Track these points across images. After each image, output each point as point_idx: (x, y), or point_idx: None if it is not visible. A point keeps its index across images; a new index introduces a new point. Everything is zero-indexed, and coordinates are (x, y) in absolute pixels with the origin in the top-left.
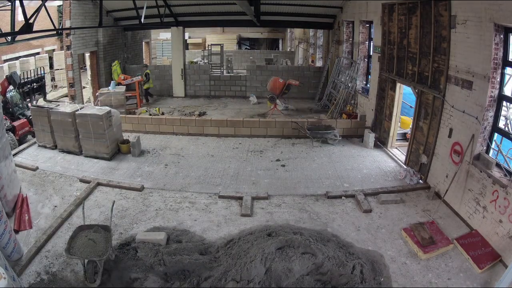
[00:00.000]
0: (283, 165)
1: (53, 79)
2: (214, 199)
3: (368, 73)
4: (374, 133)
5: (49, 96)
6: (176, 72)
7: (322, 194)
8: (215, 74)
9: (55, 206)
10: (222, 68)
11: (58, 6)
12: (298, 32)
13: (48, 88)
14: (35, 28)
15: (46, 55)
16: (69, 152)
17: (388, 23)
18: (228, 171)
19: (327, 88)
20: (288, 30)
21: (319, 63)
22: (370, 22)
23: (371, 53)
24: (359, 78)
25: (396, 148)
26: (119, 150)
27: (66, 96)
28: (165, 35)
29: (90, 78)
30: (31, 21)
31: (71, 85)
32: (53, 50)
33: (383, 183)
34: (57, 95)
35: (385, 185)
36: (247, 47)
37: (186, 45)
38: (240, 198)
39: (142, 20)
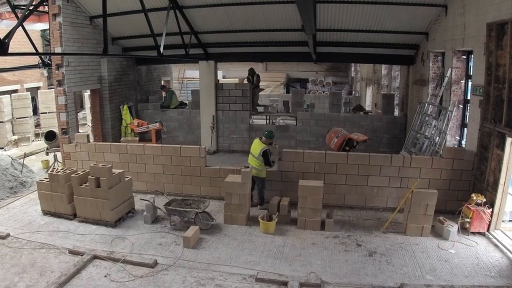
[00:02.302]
0: (343, 243)
1: (37, 125)
2: (249, 282)
3: (463, 124)
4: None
5: (32, 147)
6: (206, 119)
7: (395, 287)
8: (256, 124)
9: (30, 287)
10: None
11: (41, 31)
12: (365, 70)
13: (30, 136)
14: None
15: (28, 94)
16: (58, 216)
17: (495, 52)
18: (270, 246)
19: (404, 144)
20: (352, 67)
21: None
22: (469, 53)
23: (468, 97)
24: (450, 132)
25: (502, 231)
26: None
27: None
28: (192, 73)
29: (90, 124)
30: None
31: (64, 132)
32: (38, 88)
33: (483, 279)
34: (43, 145)
35: (486, 283)
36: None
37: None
38: (284, 284)
39: (161, 50)
